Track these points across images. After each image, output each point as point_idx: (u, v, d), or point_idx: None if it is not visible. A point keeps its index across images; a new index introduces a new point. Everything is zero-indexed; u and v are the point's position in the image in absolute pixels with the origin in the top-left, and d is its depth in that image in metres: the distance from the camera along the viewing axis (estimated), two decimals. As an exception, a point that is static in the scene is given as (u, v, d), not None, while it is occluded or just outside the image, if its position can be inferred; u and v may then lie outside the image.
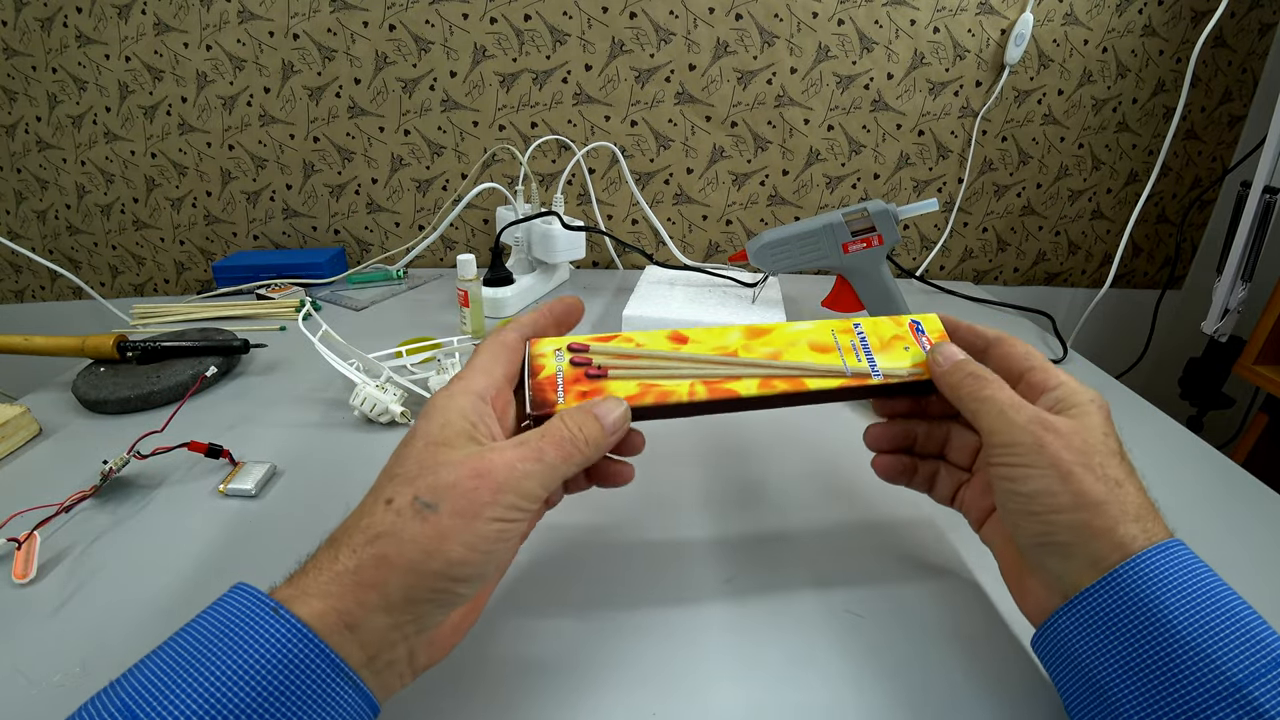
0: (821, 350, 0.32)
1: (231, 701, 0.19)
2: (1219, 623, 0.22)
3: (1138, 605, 0.23)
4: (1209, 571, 0.24)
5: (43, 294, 1.04)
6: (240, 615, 0.21)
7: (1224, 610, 0.22)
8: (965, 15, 0.84)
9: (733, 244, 0.98)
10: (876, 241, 0.62)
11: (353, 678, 0.21)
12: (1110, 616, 0.24)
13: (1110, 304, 0.91)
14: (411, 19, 0.85)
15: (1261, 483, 0.46)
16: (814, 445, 0.49)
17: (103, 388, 0.54)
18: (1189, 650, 0.22)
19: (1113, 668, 0.23)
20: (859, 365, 0.32)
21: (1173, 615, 0.22)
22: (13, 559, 0.36)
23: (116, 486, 0.43)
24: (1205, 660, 0.21)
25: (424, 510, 0.23)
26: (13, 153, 0.94)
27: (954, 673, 0.30)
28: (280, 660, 0.20)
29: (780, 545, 0.39)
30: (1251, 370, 0.73)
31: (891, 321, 0.34)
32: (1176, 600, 0.22)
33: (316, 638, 0.21)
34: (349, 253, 1.00)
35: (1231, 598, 0.23)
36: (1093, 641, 0.24)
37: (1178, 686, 0.21)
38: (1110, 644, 0.23)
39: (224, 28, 0.86)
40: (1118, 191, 0.94)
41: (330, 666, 0.21)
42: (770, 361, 0.32)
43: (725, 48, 0.86)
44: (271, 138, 0.92)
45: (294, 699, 0.20)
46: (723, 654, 0.31)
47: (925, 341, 0.33)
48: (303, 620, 0.21)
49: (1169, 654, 0.22)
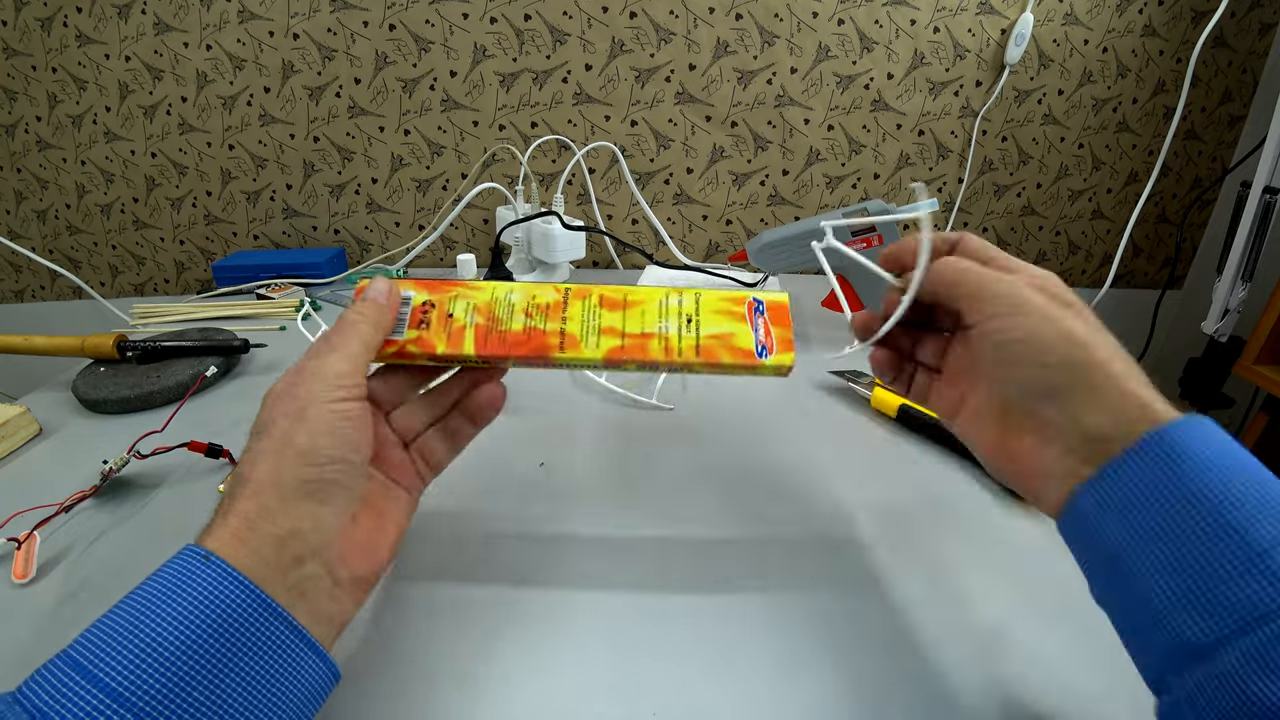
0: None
1: (170, 644, 0.20)
2: (1246, 493, 0.21)
3: (1170, 477, 0.22)
4: (1235, 444, 0.23)
5: (43, 294, 1.04)
6: (177, 568, 0.22)
7: (1251, 481, 0.22)
8: (965, 15, 0.84)
9: (733, 244, 0.98)
10: (876, 241, 0.62)
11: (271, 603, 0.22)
12: (1142, 489, 0.23)
13: (1110, 304, 0.91)
14: (411, 19, 0.85)
15: (1261, 483, 0.46)
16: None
17: (103, 388, 0.54)
18: (1216, 519, 0.21)
19: (1138, 541, 0.23)
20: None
21: (1203, 487, 0.22)
22: (13, 559, 0.36)
23: (116, 486, 0.43)
24: (1230, 527, 0.21)
25: (263, 432, 0.26)
26: (13, 153, 0.94)
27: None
28: (212, 602, 0.21)
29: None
30: (1251, 370, 0.73)
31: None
32: (1206, 473, 0.22)
33: (239, 573, 0.22)
34: (349, 253, 1.00)
35: (1259, 469, 0.22)
36: (1120, 515, 0.23)
37: (1201, 554, 0.21)
38: (1138, 517, 0.23)
39: (224, 28, 0.86)
40: (1118, 191, 0.94)
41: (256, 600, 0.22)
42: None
43: (725, 48, 0.86)
44: (271, 138, 0.92)
45: (227, 634, 0.21)
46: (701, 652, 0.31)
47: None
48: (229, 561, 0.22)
49: (1196, 524, 0.21)
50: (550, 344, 0.31)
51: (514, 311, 0.32)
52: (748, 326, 0.33)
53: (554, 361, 0.31)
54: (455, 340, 0.31)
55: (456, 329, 0.32)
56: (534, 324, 0.32)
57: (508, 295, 0.33)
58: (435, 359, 0.31)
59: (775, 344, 0.33)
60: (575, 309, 0.33)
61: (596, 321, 0.32)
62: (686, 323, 0.33)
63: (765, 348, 0.33)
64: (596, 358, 0.31)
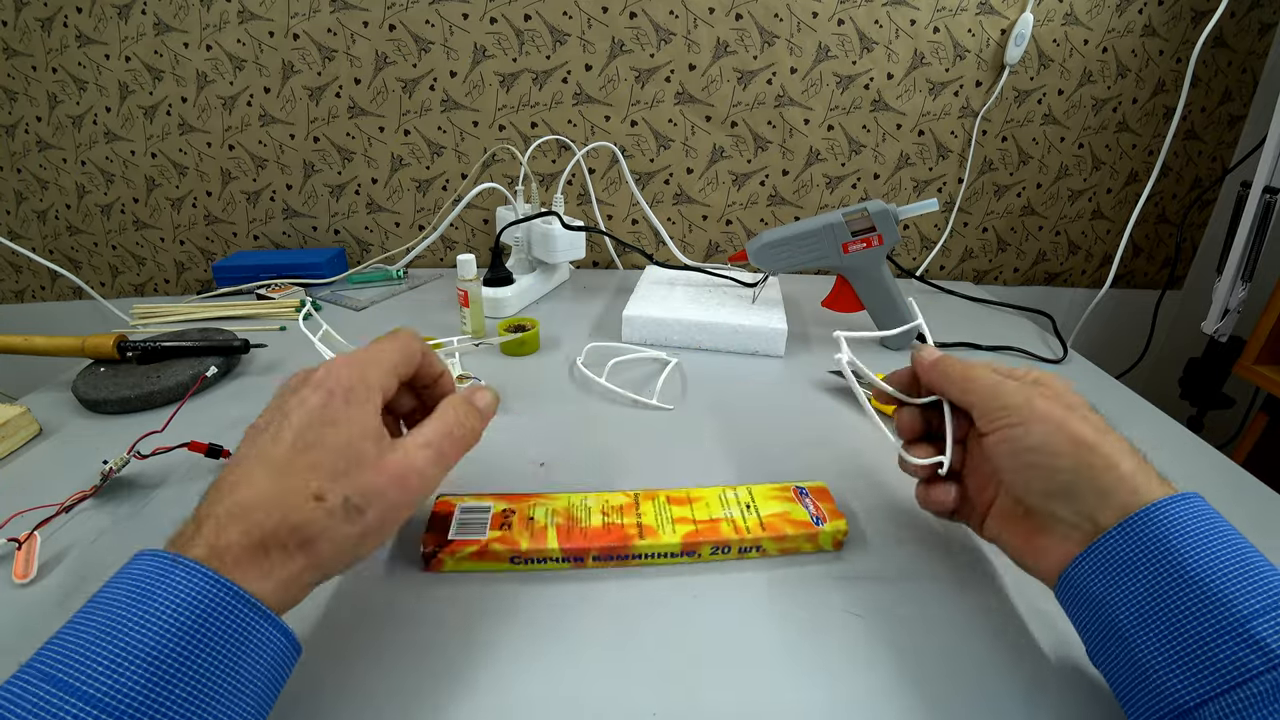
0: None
1: (146, 646, 0.20)
2: (1229, 564, 0.23)
3: (1155, 548, 0.24)
4: (1222, 519, 0.25)
5: (43, 294, 1.04)
6: (144, 569, 0.22)
7: (1234, 553, 0.24)
8: (965, 15, 0.84)
9: (733, 244, 0.98)
10: (876, 241, 0.62)
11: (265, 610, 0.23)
12: (1129, 559, 0.25)
13: (1110, 304, 0.91)
14: (411, 19, 0.85)
15: (1261, 483, 0.46)
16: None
17: (103, 388, 0.54)
18: (1200, 588, 0.23)
19: (1129, 607, 0.25)
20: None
21: (1187, 558, 0.24)
22: (13, 559, 0.36)
23: (116, 486, 0.43)
24: (1214, 598, 0.23)
25: (353, 514, 0.25)
26: (13, 153, 0.94)
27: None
28: (186, 600, 0.21)
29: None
30: (1251, 370, 0.73)
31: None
32: (1191, 544, 0.24)
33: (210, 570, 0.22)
34: (349, 253, 1.00)
35: (1242, 543, 0.24)
36: (1111, 583, 0.25)
37: (1187, 621, 0.23)
38: (1127, 585, 0.25)
39: (224, 28, 0.86)
40: (1118, 191, 0.94)
41: (241, 601, 0.22)
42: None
43: (725, 48, 0.86)
44: (271, 138, 0.92)
45: (202, 629, 0.21)
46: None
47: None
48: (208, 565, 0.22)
49: (1181, 593, 0.23)
50: (629, 534, 0.36)
51: (591, 512, 0.37)
52: (798, 504, 0.39)
53: (634, 550, 0.35)
54: (539, 538, 0.35)
55: (539, 529, 0.36)
56: (611, 520, 0.37)
57: (583, 500, 0.38)
58: (519, 555, 0.35)
59: (826, 514, 0.38)
60: (647, 506, 0.38)
61: (668, 514, 0.37)
62: (746, 508, 0.38)
63: (819, 517, 0.38)
64: (674, 542, 0.35)
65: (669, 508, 0.38)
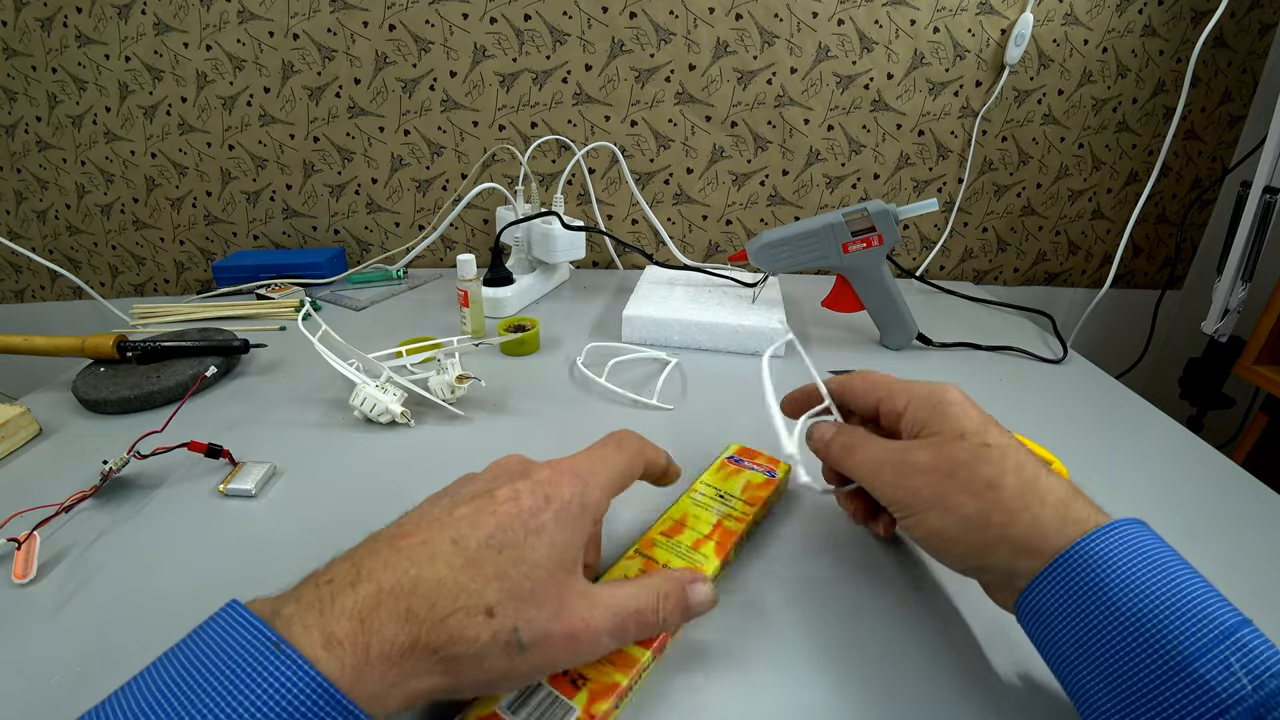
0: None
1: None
2: (1164, 600, 0.22)
3: (1082, 592, 0.23)
4: (1158, 548, 0.24)
5: (43, 294, 1.04)
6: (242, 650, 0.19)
7: (1171, 587, 0.22)
8: (965, 15, 0.84)
9: (733, 244, 0.98)
10: (876, 241, 0.62)
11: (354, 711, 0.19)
12: (1058, 604, 0.24)
13: (1110, 304, 0.91)
14: (411, 19, 0.85)
15: (1261, 483, 0.46)
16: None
17: (103, 388, 0.54)
18: (1136, 631, 0.22)
19: (1074, 652, 0.24)
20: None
21: (1118, 599, 0.22)
22: (13, 559, 0.36)
23: (116, 486, 0.43)
24: (1152, 640, 0.21)
25: (516, 651, 0.22)
26: (13, 153, 0.94)
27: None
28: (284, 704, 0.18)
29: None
30: (1251, 370, 0.73)
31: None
32: (1119, 583, 0.23)
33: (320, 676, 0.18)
34: (349, 253, 1.00)
35: (1180, 573, 0.22)
36: (1050, 629, 0.24)
37: (1130, 667, 0.22)
38: (1065, 630, 0.24)
39: (224, 28, 0.86)
40: (1118, 191, 0.94)
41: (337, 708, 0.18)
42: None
43: (725, 48, 0.86)
44: (271, 138, 0.92)
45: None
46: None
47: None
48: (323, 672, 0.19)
49: (1119, 636, 0.22)
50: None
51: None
52: (746, 471, 0.41)
53: None
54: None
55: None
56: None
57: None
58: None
59: (768, 464, 0.42)
60: (663, 554, 0.35)
61: (683, 547, 0.35)
62: (721, 498, 0.39)
63: (770, 470, 0.42)
64: (715, 566, 0.34)
65: (675, 541, 0.35)
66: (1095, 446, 0.51)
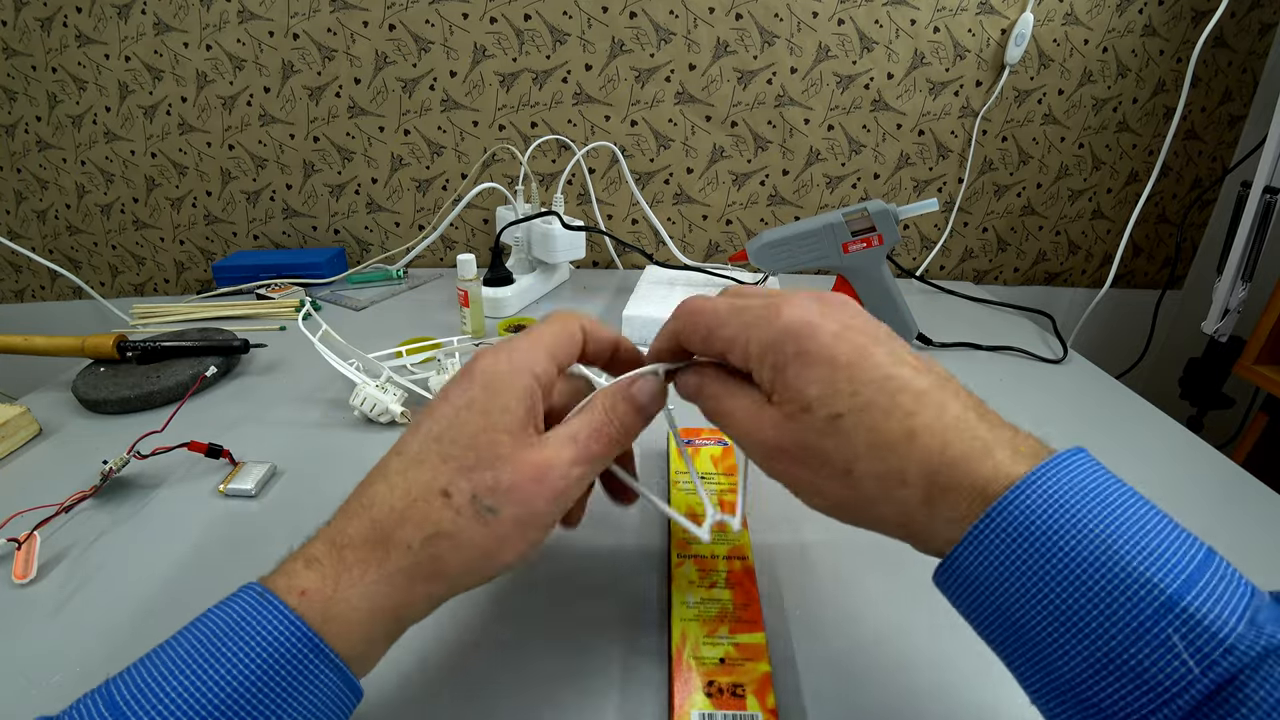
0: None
1: (217, 695, 0.19)
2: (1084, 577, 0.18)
3: (1028, 545, 0.19)
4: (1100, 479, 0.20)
5: (43, 294, 1.04)
6: (239, 612, 0.21)
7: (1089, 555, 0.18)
8: (965, 15, 0.84)
9: (733, 244, 0.98)
10: (876, 241, 0.62)
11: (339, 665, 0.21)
12: (1002, 560, 0.19)
13: (1110, 304, 0.91)
14: (411, 19, 0.85)
15: (1261, 483, 0.46)
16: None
17: (103, 388, 0.54)
18: (1055, 619, 0.18)
19: (1028, 608, 0.19)
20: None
21: (1027, 587, 0.19)
22: (13, 559, 0.36)
23: (116, 486, 0.43)
24: (1074, 626, 0.18)
25: (484, 514, 0.22)
26: (13, 153, 0.94)
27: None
28: (263, 647, 0.20)
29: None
30: (1251, 370, 0.73)
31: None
32: (1025, 567, 0.19)
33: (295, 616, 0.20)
34: (349, 253, 1.00)
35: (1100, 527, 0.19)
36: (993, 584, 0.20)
37: (1059, 658, 0.18)
38: (1013, 583, 0.19)
39: (224, 28, 0.86)
40: (1118, 191, 0.94)
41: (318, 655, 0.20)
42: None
43: (725, 47, 0.86)
44: (271, 138, 0.92)
45: (275, 680, 0.20)
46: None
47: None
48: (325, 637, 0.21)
49: (1040, 625, 0.19)
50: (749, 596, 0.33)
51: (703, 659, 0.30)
52: (704, 448, 0.44)
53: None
54: None
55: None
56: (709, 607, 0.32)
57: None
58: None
59: (711, 435, 0.45)
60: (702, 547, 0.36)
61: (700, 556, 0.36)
62: (703, 478, 0.41)
63: (720, 441, 0.45)
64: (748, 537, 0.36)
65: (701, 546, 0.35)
66: (1095, 446, 0.50)
